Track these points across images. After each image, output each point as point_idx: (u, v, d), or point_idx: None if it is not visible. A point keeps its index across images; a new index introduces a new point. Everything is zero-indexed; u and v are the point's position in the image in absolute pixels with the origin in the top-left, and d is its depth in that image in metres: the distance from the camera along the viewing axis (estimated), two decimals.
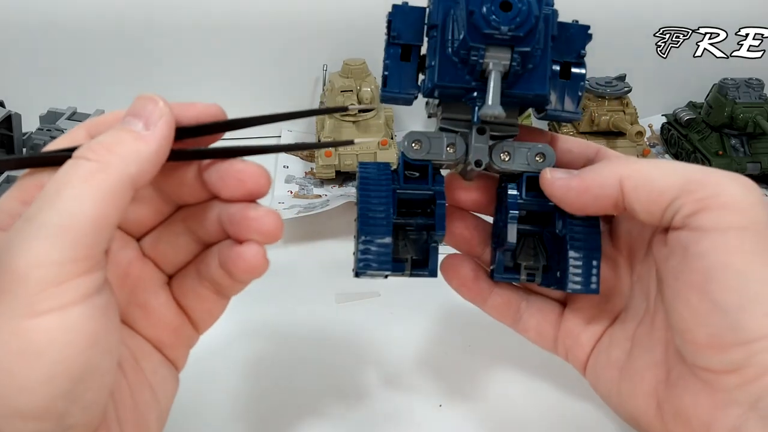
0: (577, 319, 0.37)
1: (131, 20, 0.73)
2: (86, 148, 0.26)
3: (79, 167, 0.26)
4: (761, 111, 0.68)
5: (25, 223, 0.25)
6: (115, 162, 0.26)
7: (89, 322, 0.25)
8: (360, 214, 0.33)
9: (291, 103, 0.79)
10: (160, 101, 0.29)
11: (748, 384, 0.29)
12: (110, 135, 0.27)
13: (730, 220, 0.29)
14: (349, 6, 0.74)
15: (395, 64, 0.34)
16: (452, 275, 0.38)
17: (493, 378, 0.45)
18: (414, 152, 0.34)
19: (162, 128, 0.28)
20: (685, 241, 0.30)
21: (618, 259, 0.36)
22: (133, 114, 0.28)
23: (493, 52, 0.30)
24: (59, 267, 0.24)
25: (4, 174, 0.57)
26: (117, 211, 0.26)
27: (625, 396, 0.34)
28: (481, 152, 0.34)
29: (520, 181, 0.35)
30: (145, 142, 0.27)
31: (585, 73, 0.34)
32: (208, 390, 0.43)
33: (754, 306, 0.28)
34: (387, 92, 0.34)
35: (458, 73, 0.32)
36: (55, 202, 0.25)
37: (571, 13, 0.34)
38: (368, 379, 0.45)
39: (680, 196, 0.30)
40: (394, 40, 0.34)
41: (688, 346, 0.31)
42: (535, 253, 0.36)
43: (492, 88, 0.30)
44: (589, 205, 0.33)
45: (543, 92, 0.33)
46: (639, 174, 0.31)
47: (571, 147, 0.37)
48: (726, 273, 0.29)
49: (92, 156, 0.26)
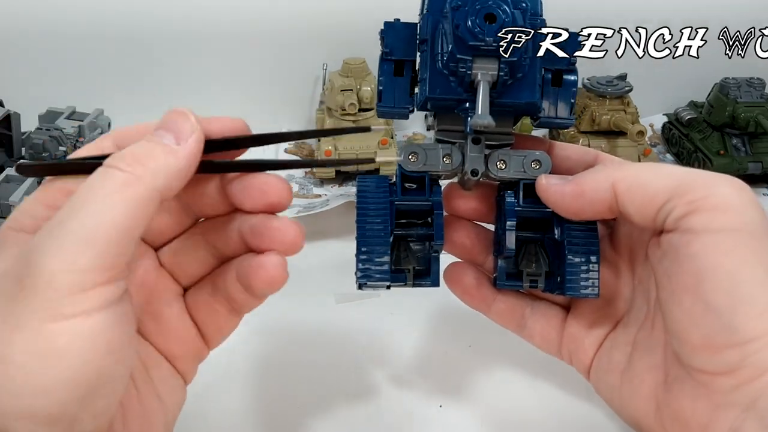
0: (580, 323, 0.37)
1: (131, 20, 0.73)
2: (118, 158, 0.27)
3: (111, 177, 0.26)
4: (763, 110, 0.68)
5: (55, 227, 0.25)
6: (145, 175, 0.26)
7: (109, 329, 0.25)
8: (358, 228, 0.34)
9: (291, 102, 0.79)
10: (191, 117, 0.29)
11: (744, 385, 0.29)
12: (142, 147, 0.27)
13: (721, 221, 0.29)
14: (349, 5, 0.74)
15: (389, 80, 0.35)
16: (455, 283, 0.39)
17: (493, 378, 0.45)
18: (411, 164, 0.35)
19: (192, 144, 0.28)
20: (677, 243, 0.30)
21: (619, 263, 0.36)
22: (165, 128, 0.28)
23: (480, 63, 0.31)
24: (86, 274, 0.24)
25: (4, 173, 0.57)
26: (143, 222, 0.26)
27: (626, 399, 0.34)
28: (477, 162, 0.35)
29: (517, 188, 0.35)
30: (175, 156, 0.28)
31: (576, 79, 0.35)
32: (207, 390, 0.43)
33: (746, 307, 0.28)
34: (382, 107, 0.35)
35: (449, 85, 0.33)
36: (86, 210, 0.25)
37: (571, 14, 0.34)
38: (368, 380, 0.45)
39: (672, 199, 0.30)
40: (387, 56, 0.35)
41: (684, 348, 0.31)
42: (537, 260, 0.36)
43: (481, 98, 0.31)
44: (585, 209, 0.33)
45: (533, 100, 0.33)
46: (632, 177, 0.32)
47: (570, 154, 0.37)
48: (718, 274, 0.29)
49: (125, 167, 0.26)
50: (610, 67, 0.72)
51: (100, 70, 0.75)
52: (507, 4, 0.31)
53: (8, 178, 0.56)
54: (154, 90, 0.75)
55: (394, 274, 0.35)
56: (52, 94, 0.68)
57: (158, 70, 0.76)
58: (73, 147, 0.63)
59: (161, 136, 0.28)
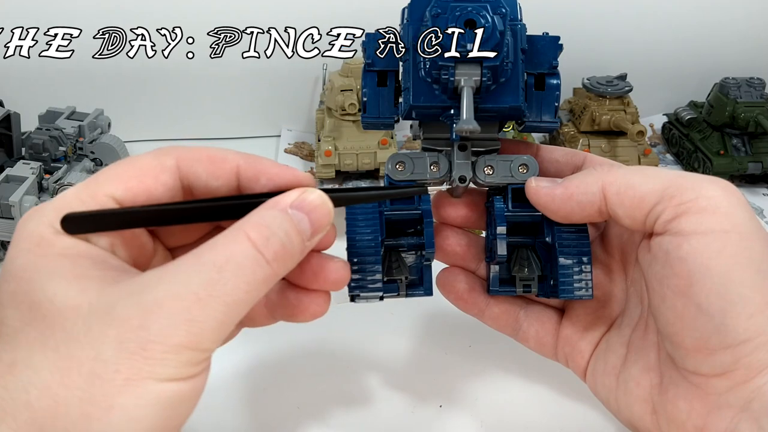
0: (575, 326, 0.37)
1: (130, 18, 0.73)
2: (264, 241, 0.26)
3: (258, 267, 0.26)
4: (762, 110, 0.67)
5: (183, 290, 0.24)
6: (281, 272, 0.27)
7: (191, 398, 0.26)
8: (348, 239, 0.34)
9: (291, 102, 0.79)
10: (331, 207, 0.29)
11: (738, 386, 0.29)
12: (285, 232, 0.27)
13: (710, 223, 0.29)
14: (349, 5, 0.74)
15: (372, 91, 0.35)
16: (448, 289, 0.39)
17: (493, 378, 0.45)
18: (398, 173, 0.35)
19: (317, 242, 0.29)
20: (666, 246, 0.30)
21: (611, 265, 0.36)
22: (307, 214, 0.28)
23: (462, 69, 0.31)
24: (205, 352, 0.25)
25: (4, 173, 0.57)
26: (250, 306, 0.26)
27: (623, 402, 0.34)
28: (464, 168, 0.35)
29: (506, 193, 0.35)
30: (303, 252, 0.28)
31: (559, 83, 0.35)
32: (206, 390, 0.43)
33: (738, 309, 0.28)
34: (366, 118, 0.36)
35: (433, 93, 0.33)
36: (222, 289, 0.25)
37: (571, 13, 0.34)
38: (368, 380, 0.45)
39: (661, 201, 0.30)
40: (370, 67, 0.35)
41: (677, 351, 0.31)
42: (529, 264, 0.36)
43: (465, 103, 0.31)
44: (575, 212, 0.33)
45: (517, 104, 0.33)
46: (621, 180, 0.32)
47: (558, 157, 0.37)
48: (708, 277, 0.29)
49: (271, 260, 0.26)
50: (610, 67, 0.73)
51: (100, 70, 0.75)
52: (486, 10, 0.31)
53: (8, 178, 0.56)
54: (155, 90, 0.75)
55: (387, 285, 0.35)
56: (52, 94, 0.69)
57: (159, 70, 0.76)
58: (73, 147, 0.63)
59: (304, 226, 0.27)
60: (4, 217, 0.55)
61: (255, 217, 0.27)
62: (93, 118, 0.66)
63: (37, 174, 0.57)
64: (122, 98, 0.74)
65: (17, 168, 0.57)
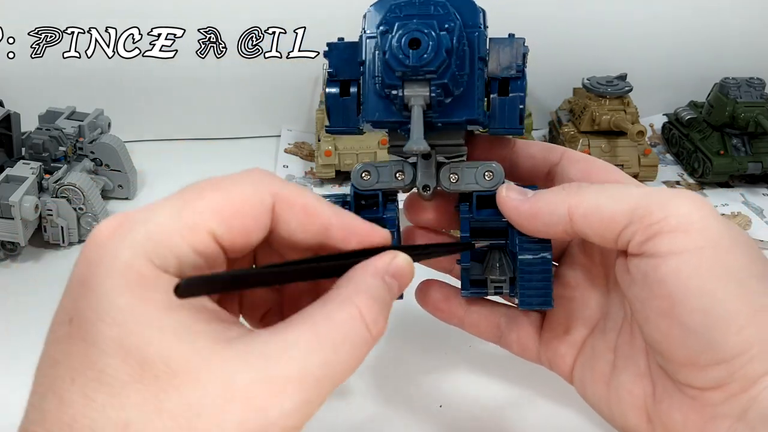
0: (554, 330, 0.36)
1: (130, 18, 0.73)
2: (373, 321, 0.26)
3: (359, 338, 0.26)
4: (762, 110, 0.67)
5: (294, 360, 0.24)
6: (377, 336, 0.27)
7: None
8: None
9: (291, 102, 0.79)
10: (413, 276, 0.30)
11: (734, 397, 0.28)
12: (386, 303, 0.27)
13: (684, 242, 0.29)
14: (348, 5, 0.74)
15: (335, 101, 0.35)
16: (425, 300, 0.39)
17: (493, 378, 0.45)
18: (364, 182, 0.35)
19: None
20: (644, 268, 0.30)
21: (591, 268, 0.36)
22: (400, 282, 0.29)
23: (410, 88, 0.31)
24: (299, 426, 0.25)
25: (4, 173, 0.57)
26: None
27: (616, 410, 0.34)
28: (428, 176, 0.35)
29: (472, 200, 0.35)
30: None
31: (524, 85, 0.34)
32: None
33: (726, 324, 0.28)
34: (331, 128, 0.36)
35: (389, 107, 0.33)
36: (334, 366, 0.25)
37: (571, 14, 0.34)
38: (368, 380, 0.45)
39: (631, 224, 0.30)
40: (332, 78, 0.35)
41: (668, 365, 0.30)
42: (501, 266, 0.36)
43: (414, 123, 0.30)
44: (540, 231, 0.33)
45: (473, 117, 0.33)
46: (587, 202, 0.31)
47: (534, 152, 0.37)
48: (689, 296, 0.28)
49: (373, 330, 0.26)
50: (610, 67, 0.73)
51: (100, 70, 0.75)
52: (432, 28, 0.30)
53: (8, 178, 0.56)
54: (156, 89, 0.75)
55: None
56: (52, 94, 0.69)
57: (159, 70, 0.76)
58: (73, 147, 0.63)
59: (394, 292, 0.28)
60: (4, 217, 0.55)
61: (363, 288, 0.27)
62: (93, 118, 0.66)
63: (37, 174, 0.57)
64: (122, 98, 0.74)
65: (17, 168, 0.57)
